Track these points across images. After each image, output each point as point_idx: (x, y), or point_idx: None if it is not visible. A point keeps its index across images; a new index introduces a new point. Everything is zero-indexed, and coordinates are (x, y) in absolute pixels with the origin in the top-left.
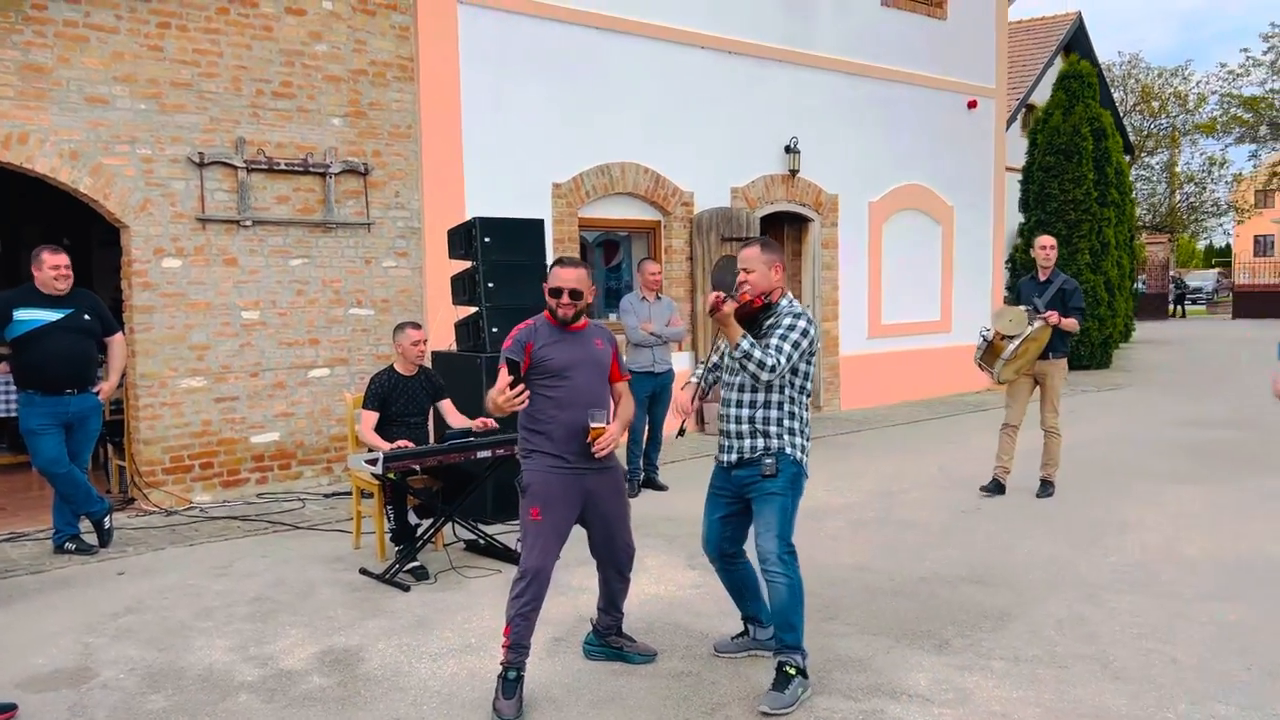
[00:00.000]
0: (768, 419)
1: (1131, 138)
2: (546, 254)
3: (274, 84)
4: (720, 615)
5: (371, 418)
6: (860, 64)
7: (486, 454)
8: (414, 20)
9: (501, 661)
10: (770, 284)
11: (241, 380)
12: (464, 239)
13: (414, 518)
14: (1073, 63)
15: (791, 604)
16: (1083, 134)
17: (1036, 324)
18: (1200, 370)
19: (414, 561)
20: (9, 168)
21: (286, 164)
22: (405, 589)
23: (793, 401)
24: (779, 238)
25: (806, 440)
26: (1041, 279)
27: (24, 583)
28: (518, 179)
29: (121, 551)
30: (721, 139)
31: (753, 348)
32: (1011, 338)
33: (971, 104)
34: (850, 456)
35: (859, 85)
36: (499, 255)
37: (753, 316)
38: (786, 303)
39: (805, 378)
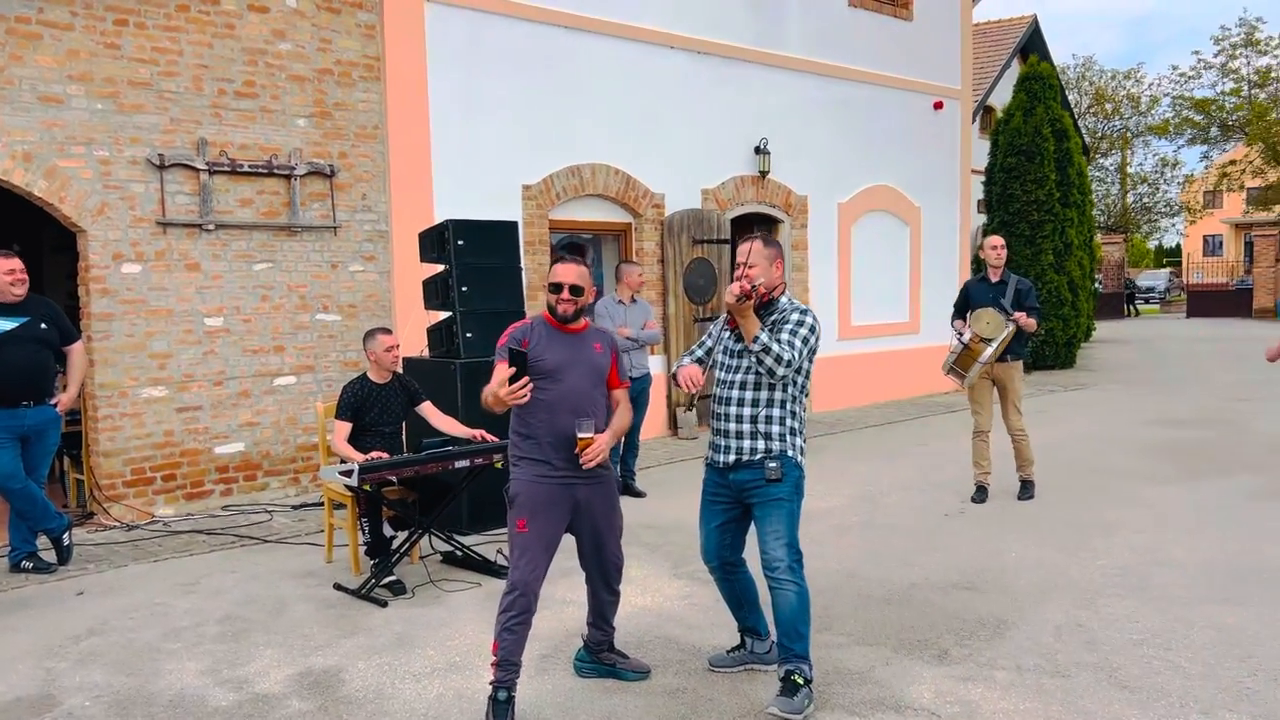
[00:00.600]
0: (770, 418)
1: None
2: (521, 257)
3: (236, 83)
4: (712, 627)
5: (345, 428)
6: (828, 64)
7: (465, 464)
8: (380, 19)
9: (491, 680)
10: (772, 280)
11: (205, 389)
12: (436, 242)
13: (389, 530)
14: (1032, 64)
15: (800, 612)
16: (1044, 135)
17: (1010, 326)
18: (1162, 369)
19: (390, 576)
20: None
21: (250, 166)
22: (382, 605)
23: (794, 401)
24: None
25: (804, 441)
26: (993, 279)
27: None
28: (487, 181)
29: (82, 569)
30: (692, 140)
31: (770, 341)
32: (989, 340)
33: (938, 105)
34: (826, 459)
35: (827, 86)
36: (472, 258)
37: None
38: (787, 300)
39: (807, 376)
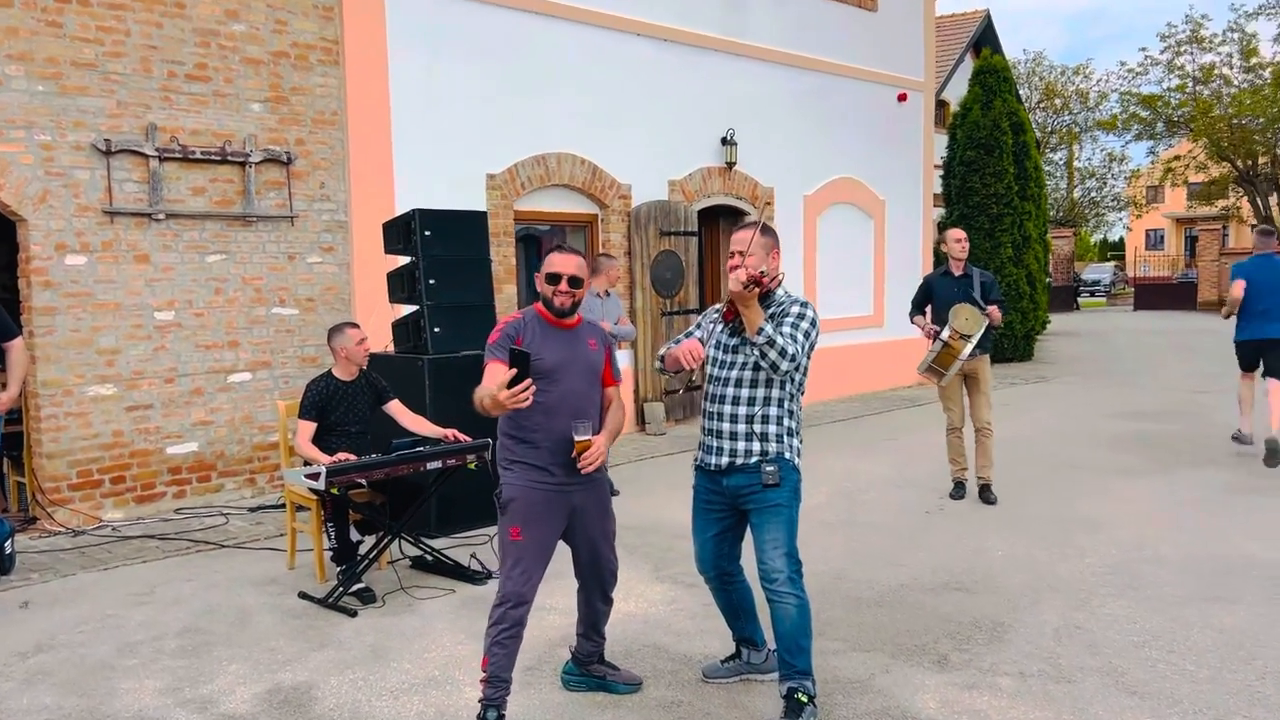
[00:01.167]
0: (767, 418)
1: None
2: (490, 248)
3: (187, 66)
4: (701, 635)
5: (308, 428)
6: (794, 54)
7: (436, 465)
8: (338, 0)
9: (480, 698)
10: (770, 271)
11: (155, 387)
12: (402, 232)
13: (355, 535)
14: (987, 58)
15: (801, 626)
16: (1002, 128)
17: (986, 321)
18: (1118, 361)
19: (358, 583)
20: None
21: (202, 152)
22: (352, 614)
23: (792, 399)
24: (717, 231)
25: (802, 442)
26: (956, 273)
27: None
28: (450, 169)
29: (25, 579)
30: (659, 130)
31: (775, 333)
32: (968, 337)
33: (901, 97)
34: None
35: (793, 76)
36: (440, 250)
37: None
38: (784, 293)
39: (804, 373)
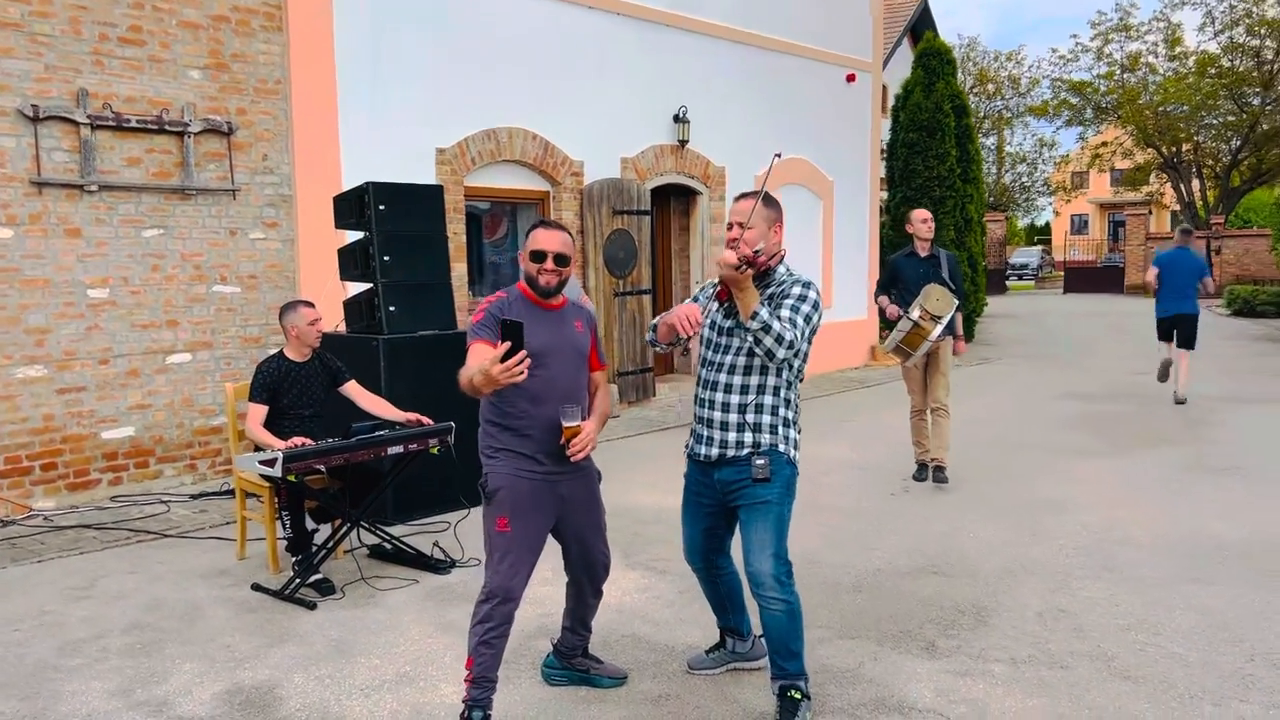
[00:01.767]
0: (760, 407)
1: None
2: (447, 224)
3: (120, 28)
4: (680, 623)
5: (260, 411)
6: (746, 32)
7: (398, 450)
8: None
9: (464, 699)
10: (771, 247)
11: (89, 368)
12: (355, 207)
13: (310, 523)
14: (930, 40)
15: (792, 630)
16: (945, 111)
17: (956, 303)
18: (1057, 343)
19: (316, 574)
20: None
21: (138, 121)
22: (310, 607)
23: (789, 387)
24: (668, 211)
25: (799, 432)
26: (922, 254)
27: None
28: (399, 143)
29: None
30: (611, 106)
31: (771, 318)
32: (938, 318)
33: (850, 78)
34: None
35: (745, 54)
36: (395, 225)
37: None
38: (785, 270)
39: (804, 359)
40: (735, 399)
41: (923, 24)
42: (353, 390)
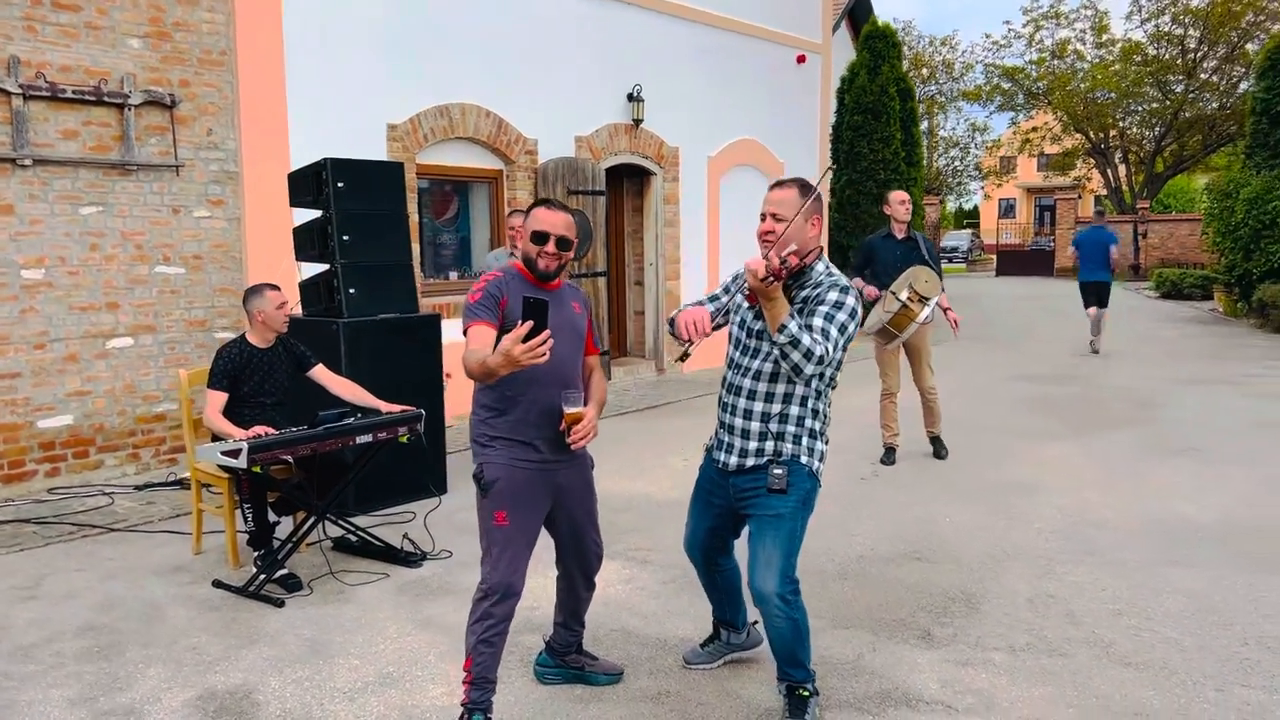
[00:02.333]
0: (786, 417)
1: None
2: (409, 202)
3: None
4: (670, 616)
5: (219, 398)
6: (698, 10)
7: (368, 438)
8: None
9: (462, 701)
10: (806, 243)
11: (24, 353)
12: (311, 184)
13: (272, 515)
14: (875, 23)
15: (797, 640)
16: (890, 94)
17: (941, 285)
18: (997, 325)
19: (281, 569)
20: None
21: (75, 91)
22: (278, 604)
23: (818, 396)
24: (621, 192)
25: (826, 444)
26: (900, 235)
27: None
28: (349, 118)
29: None
30: (565, 83)
31: (800, 332)
32: (926, 300)
33: (800, 59)
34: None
35: (697, 33)
36: (353, 203)
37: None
38: (824, 268)
39: (838, 367)
40: (759, 407)
41: (860, 7)
42: (322, 375)
